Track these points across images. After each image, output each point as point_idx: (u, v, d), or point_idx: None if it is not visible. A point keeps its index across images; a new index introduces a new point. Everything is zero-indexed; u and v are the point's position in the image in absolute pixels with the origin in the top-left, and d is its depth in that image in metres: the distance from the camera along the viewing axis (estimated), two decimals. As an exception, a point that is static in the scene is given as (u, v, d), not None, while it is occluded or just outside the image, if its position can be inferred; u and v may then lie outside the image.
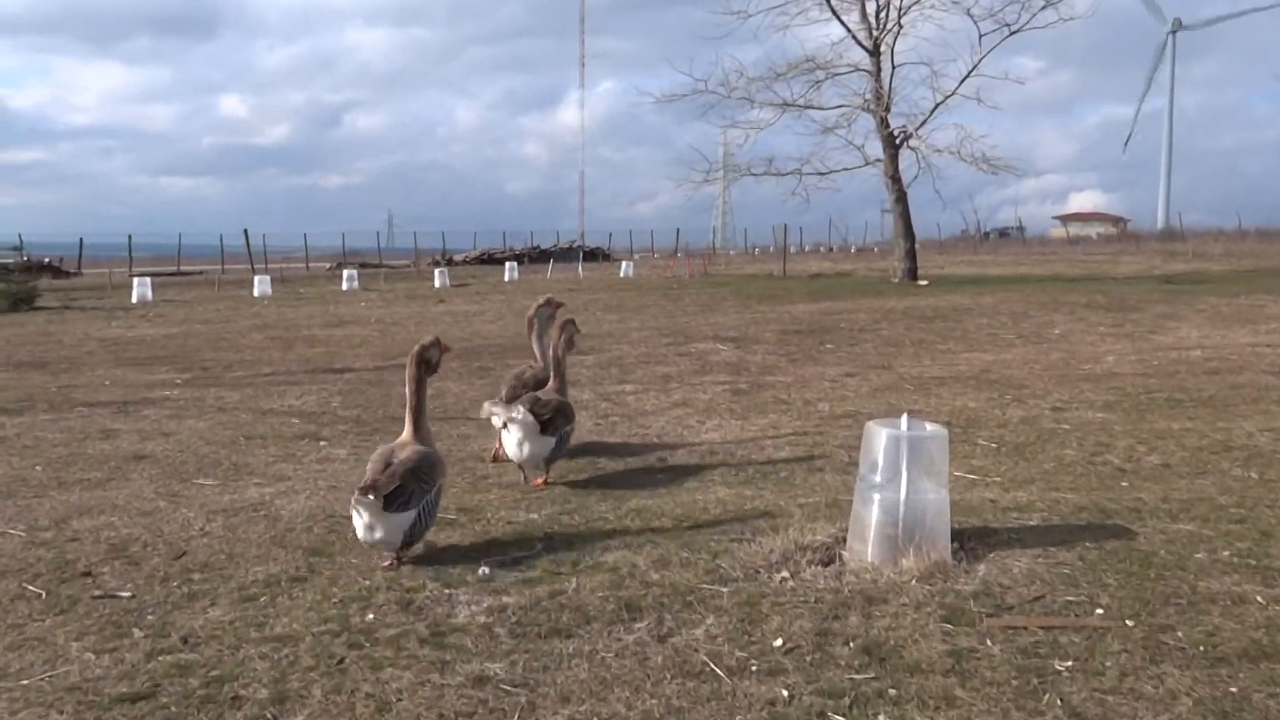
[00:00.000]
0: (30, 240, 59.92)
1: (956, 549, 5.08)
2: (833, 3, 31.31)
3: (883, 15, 31.49)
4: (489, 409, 6.98)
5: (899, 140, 31.96)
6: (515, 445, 6.76)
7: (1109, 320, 17.45)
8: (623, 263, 49.61)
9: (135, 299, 29.76)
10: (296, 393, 11.22)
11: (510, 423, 6.69)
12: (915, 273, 31.95)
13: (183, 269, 55.29)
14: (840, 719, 3.49)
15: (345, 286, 34.95)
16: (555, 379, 7.31)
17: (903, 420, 5.09)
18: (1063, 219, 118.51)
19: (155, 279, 36.01)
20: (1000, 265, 45.29)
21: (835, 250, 78.34)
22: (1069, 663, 3.83)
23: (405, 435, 5.49)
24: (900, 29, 31.35)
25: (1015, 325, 17.03)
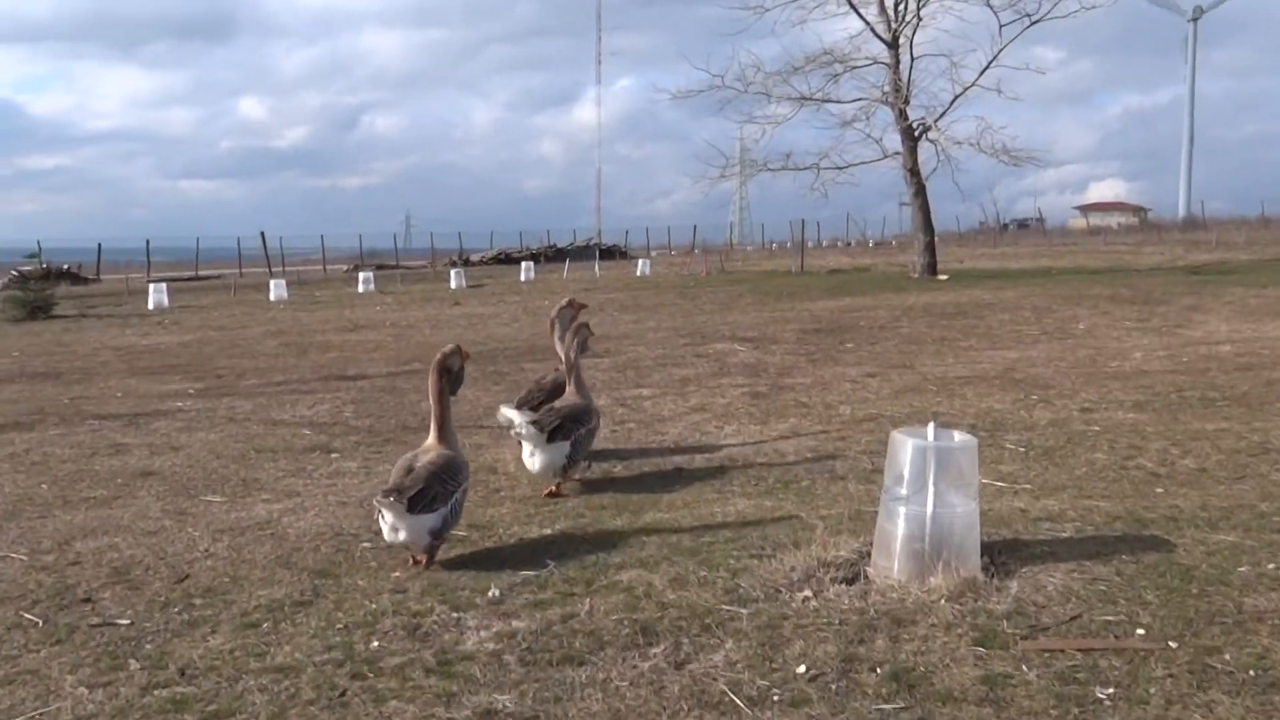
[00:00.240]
0: (53, 246, 60.10)
1: (986, 564, 4.87)
2: (851, -4, 31.04)
3: (901, 7, 31.23)
4: (505, 414, 6.94)
5: (918, 133, 31.66)
6: (527, 456, 6.73)
7: (1134, 314, 17.14)
8: (639, 261, 49.41)
9: (152, 306, 29.78)
10: (309, 402, 11.07)
11: (518, 437, 6.71)
12: (935, 267, 31.64)
13: (200, 273, 55.48)
14: (868, 756, 3.29)
15: (361, 289, 34.89)
16: (571, 382, 7.22)
17: (929, 429, 4.87)
18: (1083, 209, 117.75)
19: (172, 285, 36.14)
20: (1021, 258, 44.89)
21: (853, 245, 77.92)
22: (1110, 689, 3.61)
23: (430, 440, 5.58)
24: (919, 21, 31.08)
25: (1039, 321, 16.74)
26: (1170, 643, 3.94)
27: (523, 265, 44.67)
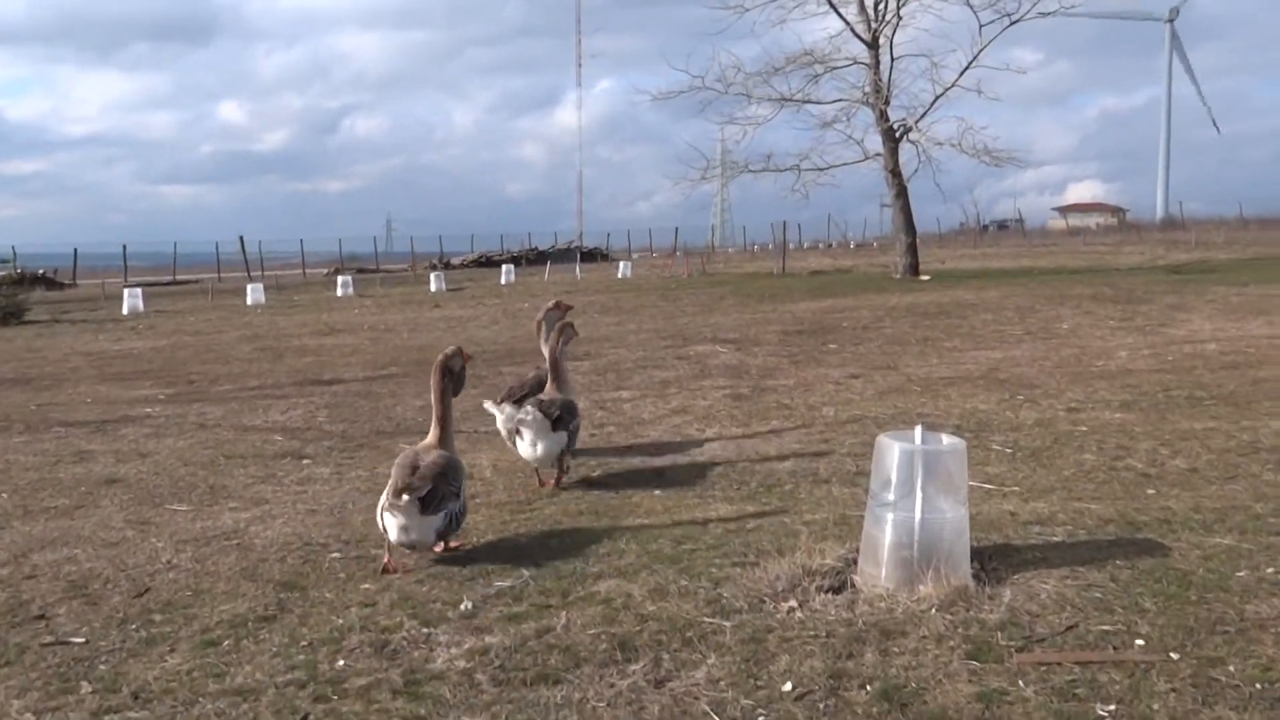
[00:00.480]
0: (31, 251, 59.61)
1: (977, 570, 4.71)
2: (830, -4, 30.93)
3: (881, 7, 31.12)
4: (489, 408, 6.99)
5: (899, 134, 31.57)
6: (529, 446, 6.75)
7: (1118, 313, 17.05)
8: (621, 263, 49.19)
9: (126, 311, 29.35)
10: (282, 407, 10.83)
11: (521, 425, 6.69)
12: (917, 268, 31.55)
13: (179, 278, 54.90)
14: (859, 780, 3.11)
15: (340, 293, 34.53)
16: (553, 381, 7.28)
17: (916, 432, 4.71)
18: (1062, 210, 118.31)
19: (149, 289, 35.72)
20: (1002, 258, 44.93)
21: (835, 246, 77.92)
22: (1111, 706, 3.44)
23: (430, 439, 5.66)
24: (899, 21, 30.96)
25: (1022, 320, 16.63)
26: (1171, 654, 3.77)
27: (503, 268, 44.36)
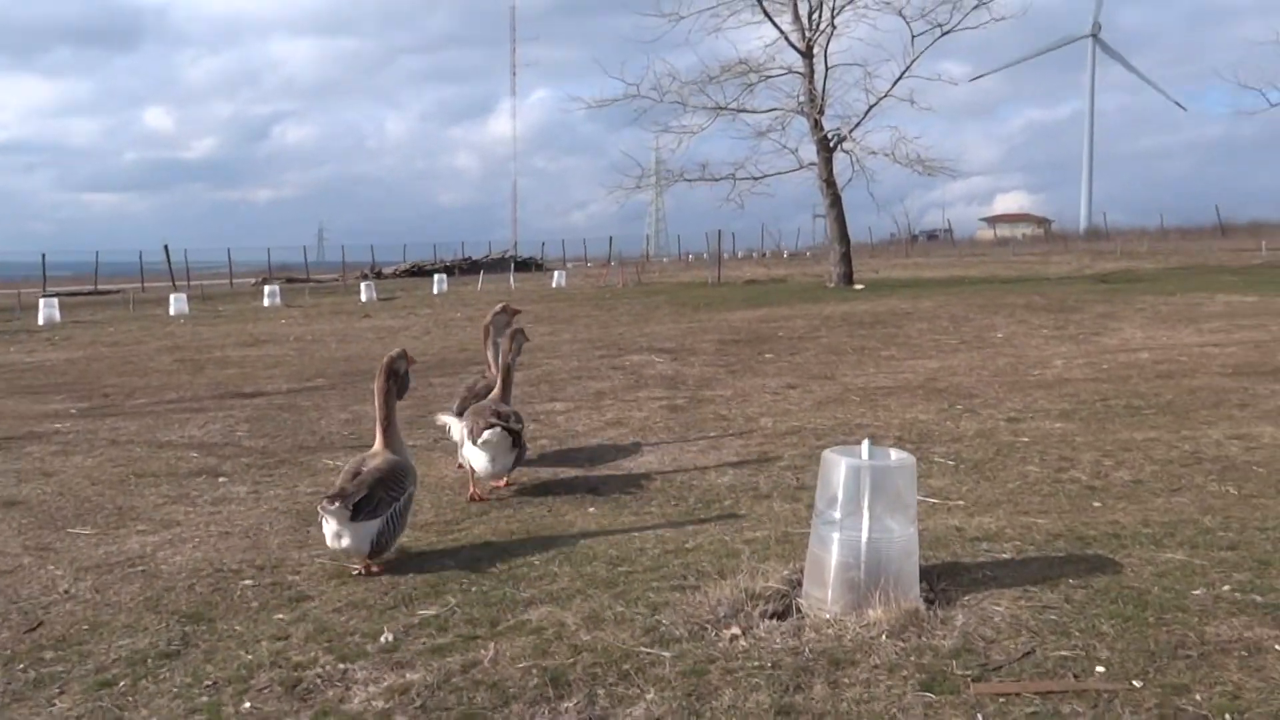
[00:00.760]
0: (-58, 263, 57.57)
1: (925, 590, 4.50)
2: (765, 4, 30.94)
3: (816, 16, 31.21)
4: (444, 420, 6.89)
5: (833, 143, 31.66)
6: (488, 461, 6.70)
7: (1050, 322, 17.13)
8: (555, 272, 48.84)
9: (42, 321, 28.33)
10: (200, 421, 10.37)
11: (484, 445, 6.60)
12: (851, 277, 31.66)
13: (100, 288, 53.35)
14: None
15: (267, 303, 33.73)
16: (501, 388, 7.22)
17: (863, 447, 4.49)
18: (990, 220, 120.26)
19: (68, 299, 34.61)
20: (934, 268, 45.34)
21: (769, 256, 78.25)
22: (1075, 740, 3.24)
23: (376, 445, 5.54)
24: (834, 30, 31.09)
25: (957, 329, 16.63)
26: (1134, 681, 3.58)
27: (436, 278, 43.74)
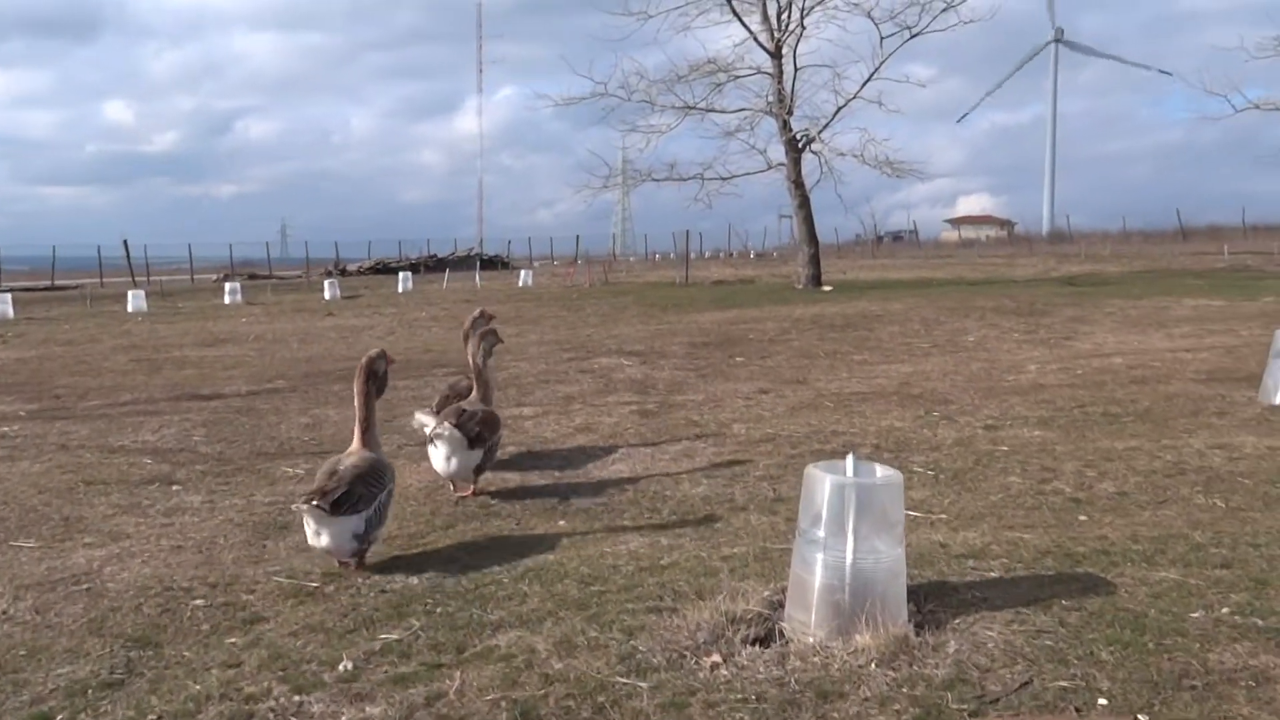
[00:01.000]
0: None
1: (913, 612, 4.30)
2: (734, 4, 30.75)
3: (785, 17, 31.03)
4: (421, 419, 6.84)
5: (802, 144, 31.54)
6: (443, 460, 6.71)
7: (1021, 326, 17.06)
8: (522, 271, 48.47)
9: (-5, 317, 27.72)
10: (154, 424, 10.02)
11: (437, 438, 6.65)
12: (819, 278, 31.56)
13: (58, 283, 52.38)
14: None
15: (228, 300, 33.12)
16: (478, 389, 7.21)
17: (848, 463, 4.28)
18: (954, 222, 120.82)
19: (24, 295, 33.86)
20: (900, 269, 45.41)
21: (736, 256, 78.19)
22: (1081, 782, 3.04)
23: (354, 445, 5.57)
24: (803, 30, 30.95)
25: (928, 333, 16.51)
26: (1139, 715, 3.39)
27: (400, 275, 43.24)
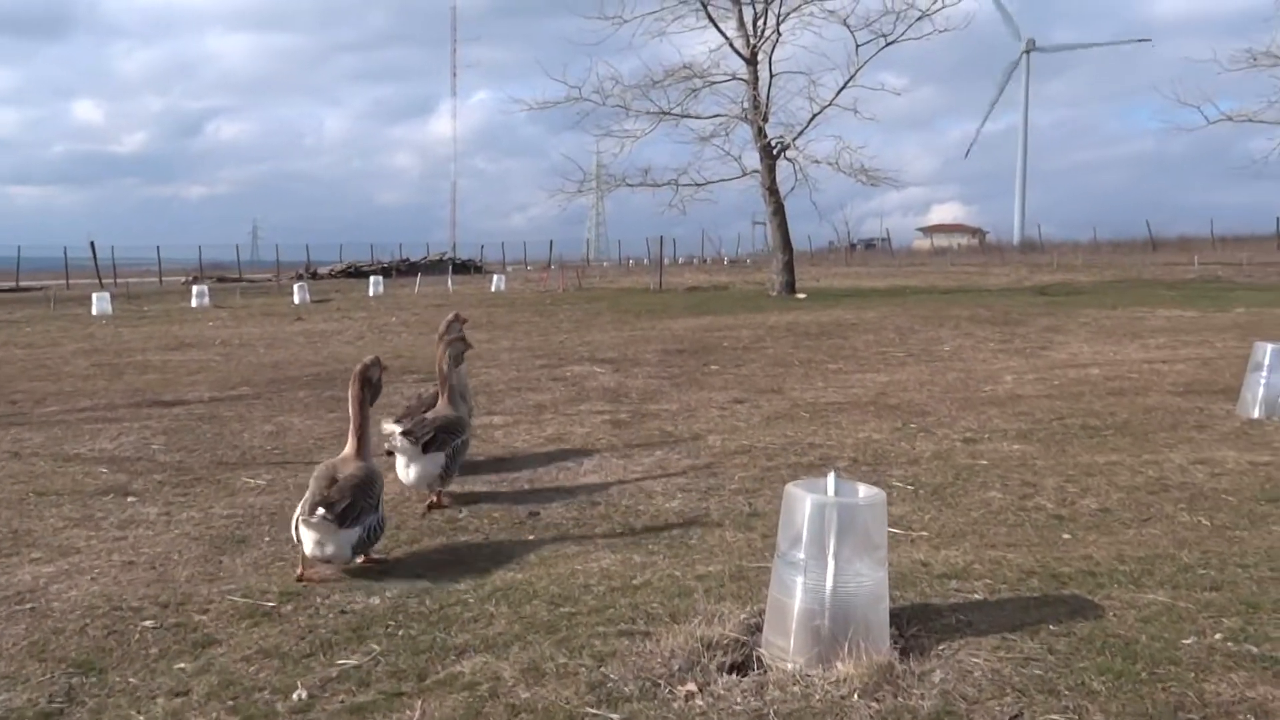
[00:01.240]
0: None
1: (895, 636, 4.13)
2: (709, 9, 30.65)
3: (761, 23, 30.94)
4: (387, 428, 6.75)
5: (777, 151, 31.46)
6: (403, 469, 6.70)
7: (996, 335, 16.99)
8: (495, 276, 48.19)
9: (-45, 320, 27.17)
10: (113, 432, 9.73)
11: (391, 449, 6.65)
12: (793, 286, 31.47)
13: (23, 284, 51.59)
14: None
15: (195, 303, 32.64)
16: (443, 394, 7.21)
17: (829, 481, 4.10)
18: (926, 230, 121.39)
19: (-15, 297, 33.20)
20: (874, 277, 45.46)
21: (709, 262, 78.12)
22: (1078, 827, 2.87)
23: (348, 451, 5.61)
24: (778, 37, 30.87)
25: (903, 342, 16.41)
26: (1136, 753, 3.23)
27: (371, 279, 42.83)
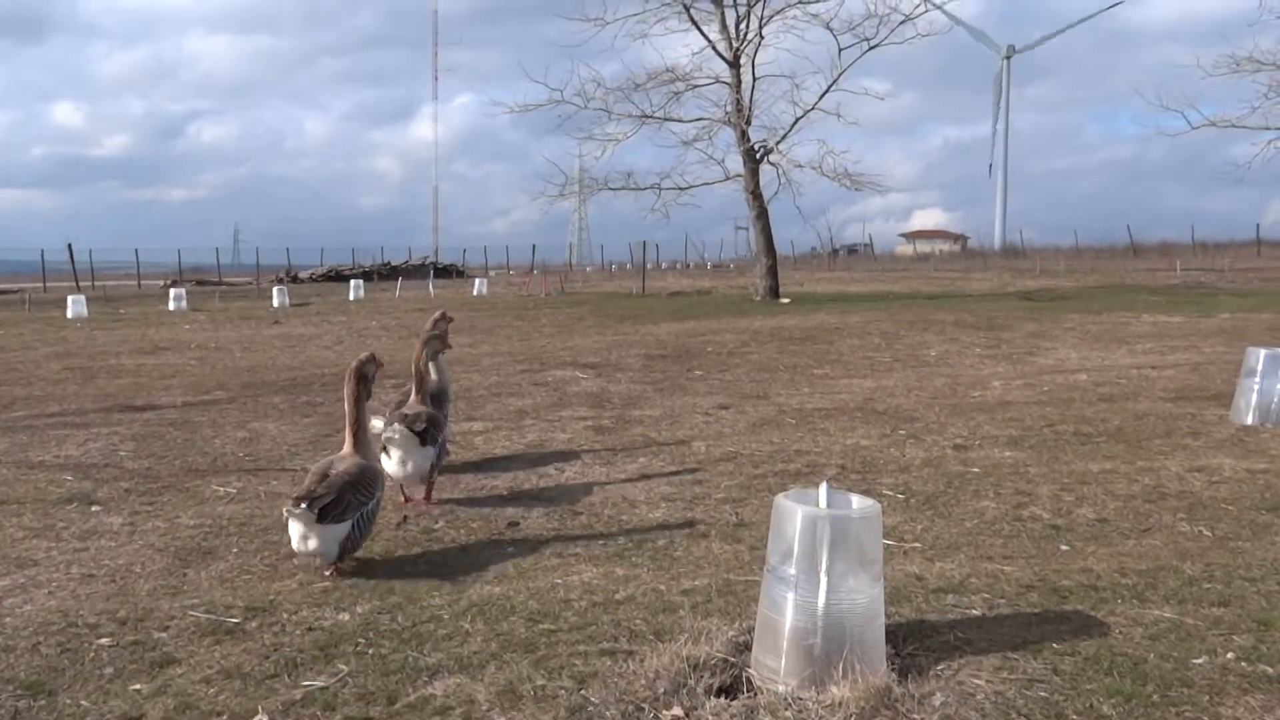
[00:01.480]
0: None
1: (891, 655, 3.93)
2: (692, 12, 30.50)
3: (743, 26, 30.81)
4: (375, 425, 6.68)
5: (760, 155, 31.31)
6: (398, 464, 6.63)
7: (982, 341, 16.84)
8: (477, 280, 47.89)
9: (-73, 323, 26.73)
10: (80, 438, 9.44)
11: (388, 442, 6.55)
12: (777, 290, 31.32)
13: (0, 288, 51.06)
14: None
15: (172, 306, 32.25)
16: (416, 392, 7.15)
17: (821, 492, 3.90)
18: (908, 236, 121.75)
19: (-41, 300, 32.73)
20: (857, 282, 45.38)
21: (692, 267, 78.08)
22: None
23: (346, 449, 5.59)
24: (761, 40, 30.75)
25: (889, 347, 16.24)
26: (1152, 784, 3.03)
27: (352, 283, 42.47)
